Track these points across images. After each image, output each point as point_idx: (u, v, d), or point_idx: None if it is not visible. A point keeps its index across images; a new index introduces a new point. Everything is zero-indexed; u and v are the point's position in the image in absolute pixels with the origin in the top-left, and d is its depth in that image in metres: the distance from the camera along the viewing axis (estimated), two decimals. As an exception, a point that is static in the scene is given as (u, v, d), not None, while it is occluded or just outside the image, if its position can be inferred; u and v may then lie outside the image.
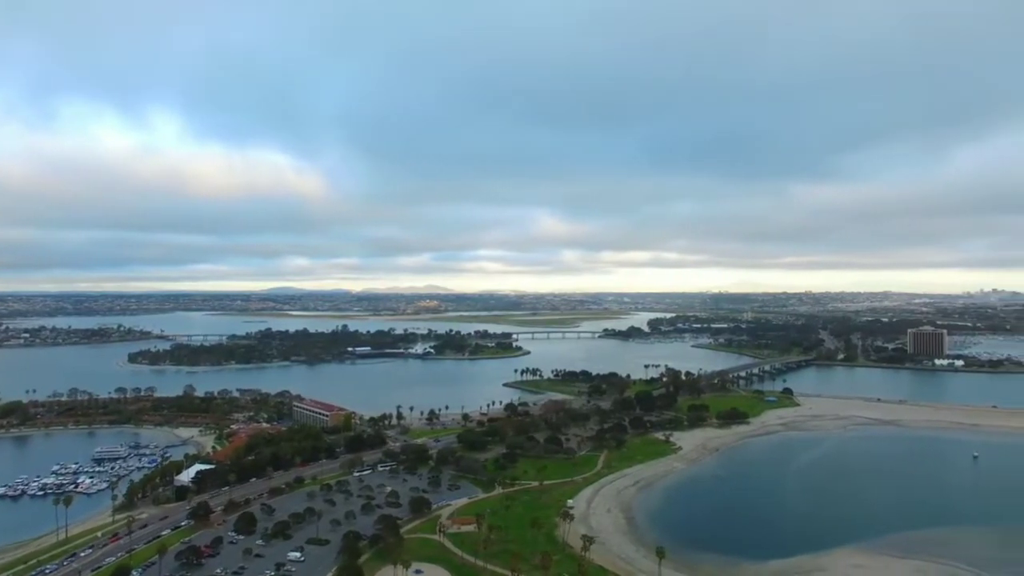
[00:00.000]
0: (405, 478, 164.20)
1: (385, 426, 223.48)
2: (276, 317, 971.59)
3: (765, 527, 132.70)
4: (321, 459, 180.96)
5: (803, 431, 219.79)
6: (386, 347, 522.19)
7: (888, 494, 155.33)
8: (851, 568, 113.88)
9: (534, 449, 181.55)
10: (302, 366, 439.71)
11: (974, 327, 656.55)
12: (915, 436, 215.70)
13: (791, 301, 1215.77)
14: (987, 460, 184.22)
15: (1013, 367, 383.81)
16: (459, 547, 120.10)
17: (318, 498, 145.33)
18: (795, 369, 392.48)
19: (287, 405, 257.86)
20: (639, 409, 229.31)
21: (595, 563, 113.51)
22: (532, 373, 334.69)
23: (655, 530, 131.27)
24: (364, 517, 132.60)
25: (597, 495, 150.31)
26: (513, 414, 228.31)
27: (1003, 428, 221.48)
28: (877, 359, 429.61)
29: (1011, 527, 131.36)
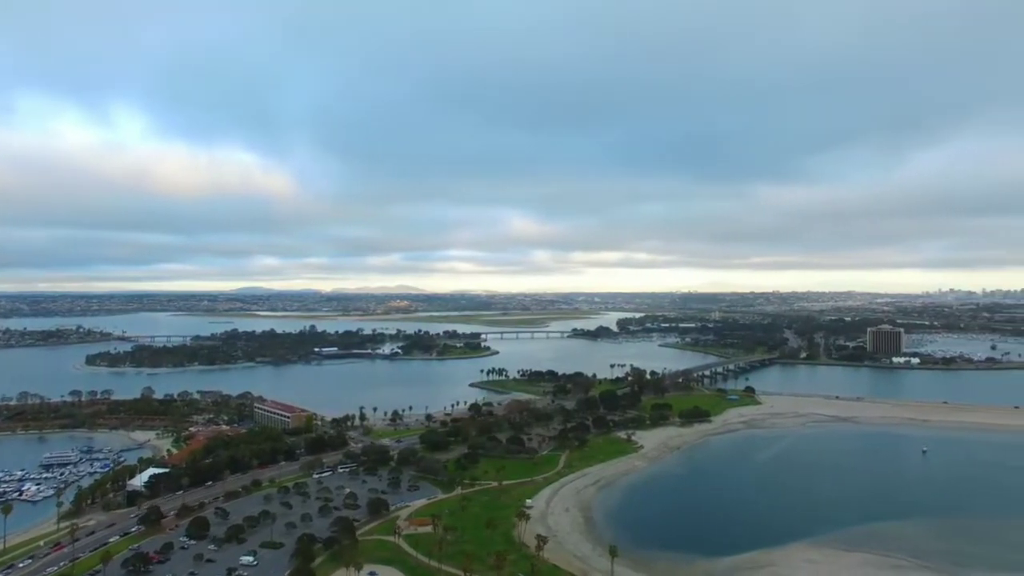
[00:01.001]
0: (365, 479, 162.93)
1: (347, 427, 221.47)
2: (243, 318, 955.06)
3: (721, 524, 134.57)
4: (280, 461, 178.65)
5: (763, 429, 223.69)
6: (354, 347, 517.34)
7: (841, 489, 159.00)
8: (801, 563, 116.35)
9: (496, 449, 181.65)
10: (267, 367, 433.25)
11: (930, 325, 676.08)
12: (869, 432, 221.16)
13: (759, 301, 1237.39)
14: (935, 454, 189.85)
15: (964, 364, 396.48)
16: (415, 548, 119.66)
17: (275, 501, 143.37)
18: (759, 368, 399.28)
19: (248, 407, 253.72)
20: (603, 408, 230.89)
21: (550, 562, 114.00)
22: (498, 373, 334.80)
23: (612, 529, 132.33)
24: (321, 519, 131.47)
25: (556, 495, 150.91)
26: (477, 414, 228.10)
27: (952, 423, 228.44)
28: (838, 357, 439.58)
29: (953, 518, 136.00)
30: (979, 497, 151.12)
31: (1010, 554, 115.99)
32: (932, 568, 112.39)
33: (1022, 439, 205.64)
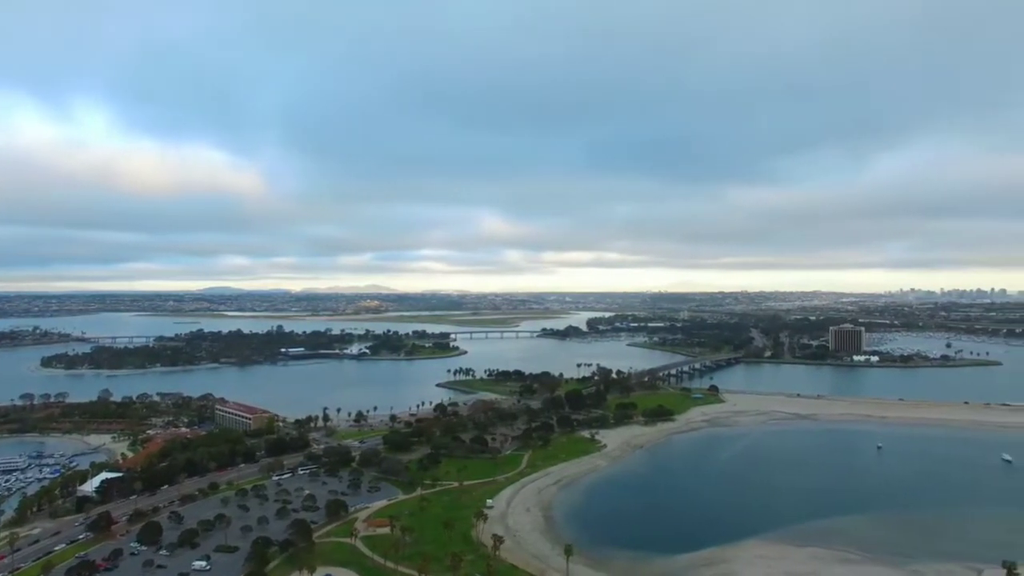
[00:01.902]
0: (325, 481, 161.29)
1: (310, 428, 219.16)
2: (210, 318, 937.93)
3: (680, 522, 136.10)
4: (240, 464, 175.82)
5: (725, 427, 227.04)
6: (321, 348, 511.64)
7: (798, 486, 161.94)
8: (754, 558, 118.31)
9: (459, 449, 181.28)
10: (232, 368, 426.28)
11: (891, 324, 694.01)
12: (828, 429, 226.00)
13: (727, 300, 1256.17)
14: (890, 450, 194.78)
15: (921, 361, 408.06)
16: (373, 550, 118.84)
17: (232, 504, 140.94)
18: (725, 367, 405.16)
19: (209, 409, 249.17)
20: (568, 408, 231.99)
21: (507, 562, 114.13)
22: (465, 373, 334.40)
23: (572, 528, 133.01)
24: (278, 522, 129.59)
25: (518, 494, 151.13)
26: (442, 414, 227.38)
27: (906, 419, 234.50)
28: (802, 356, 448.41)
29: (901, 512, 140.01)
30: (927, 491, 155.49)
31: (951, 544, 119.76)
32: (878, 560, 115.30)
33: (969, 433, 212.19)
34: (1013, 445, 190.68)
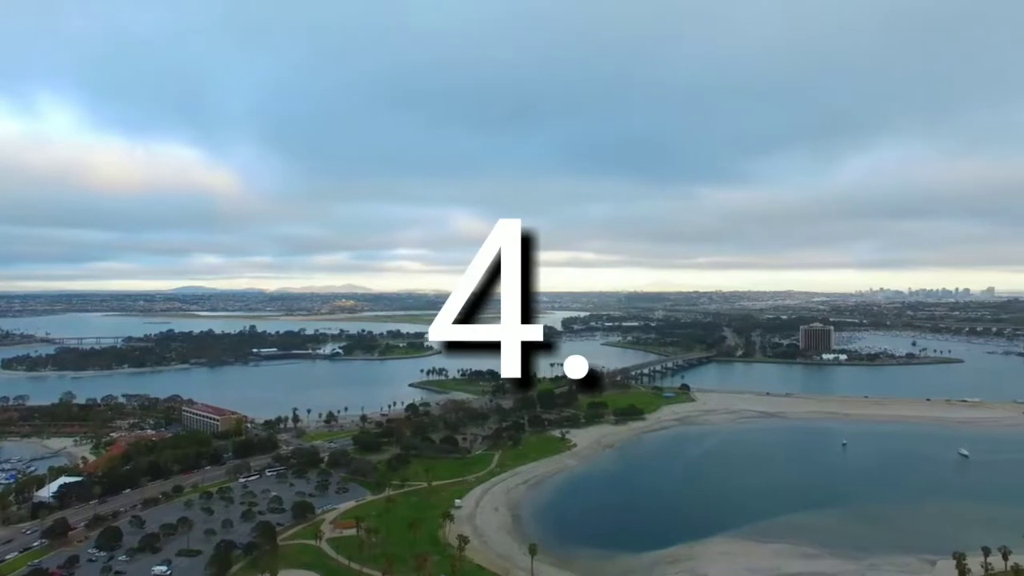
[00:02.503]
0: (292, 483, 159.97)
1: (280, 429, 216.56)
2: (182, 318, 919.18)
3: (647, 520, 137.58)
4: (206, 466, 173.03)
5: (695, 425, 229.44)
6: (294, 348, 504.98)
7: (764, 483, 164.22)
8: (718, 555, 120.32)
9: (429, 449, 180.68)
10: (203, 369, 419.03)
11: (860, 323, 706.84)
12: (795, 427, 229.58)
13: (702, 300, 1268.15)
14: (854, 446, 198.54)
15: (887, 360, 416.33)
16: (338, 552, 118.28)
17: (196, 507, 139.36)
18: (697, 365, 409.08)
19: (176, 410, 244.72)
20: (540, 407, 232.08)
21: (474, 562, 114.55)
22: (438, 373, 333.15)
23: (540, 527, 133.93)
24: (243, 525, 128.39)
25: (487, 494, 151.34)
26: (414, 414, 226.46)
27: (871, 416, 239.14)
28: (772, 355, 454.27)
29: (862, 507, 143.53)
30: (887, 486, 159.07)
31: (907, 538, 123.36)
32: (838, 555, 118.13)
33: (929, 429, 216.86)
34: (970, 440, 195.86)
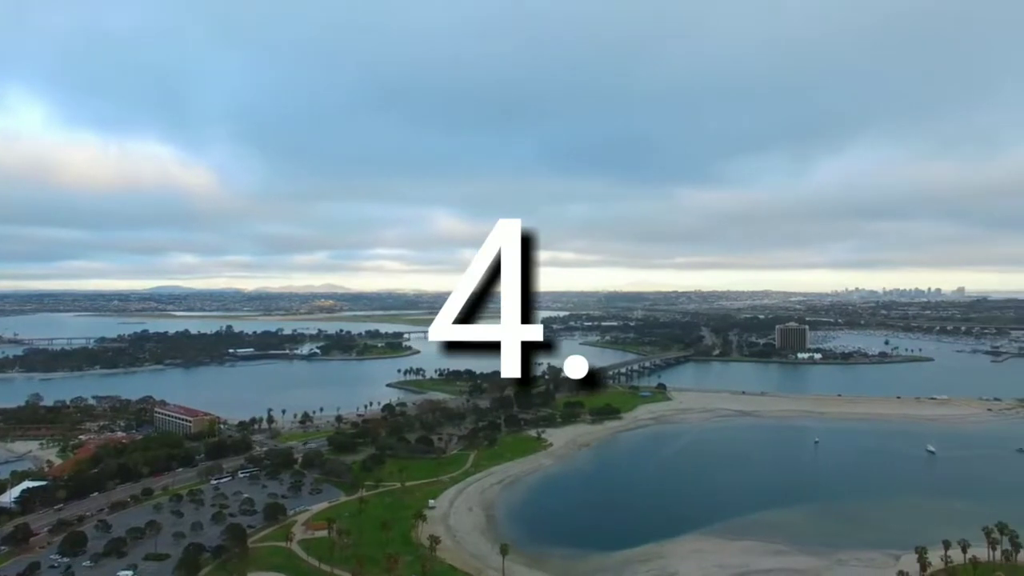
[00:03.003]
0: (265, 484, 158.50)
1: (254, 430, 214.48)
2: (157, 318, 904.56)
3: (620, 519, 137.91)
4: (177, 468, 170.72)
5: (671, 424, 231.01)
6: (272, 348, 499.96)
7: (736, 481, 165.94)
8: (689, 553, 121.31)
9: (404, 450, 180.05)
10: (177, 370, 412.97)
11: (835, 323, 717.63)
12: (769, 425, 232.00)
13: (681, 300, 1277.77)
14: (826, 444, 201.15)
15: (860, 358, 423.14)
16: (310, 554, 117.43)
17: (165, 510, 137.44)
18: (675, 365, 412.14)
19: (148, 412, 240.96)
20: (517, 407, 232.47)
21: (446, 562, 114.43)
22: (416, 373, 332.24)
23: (513, 527, 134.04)
24: (213, 527, 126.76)
25: (461, 494, 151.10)
26: (390, 414, 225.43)
27: (843, 414, 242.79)
28: (749, 354, 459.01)
29: (832, 503, 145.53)
30: (856, 482, 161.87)
31: (874, 533, 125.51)
32: (806, 551, 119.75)
33: (899, 426, 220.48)
34: (937, 436, 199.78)
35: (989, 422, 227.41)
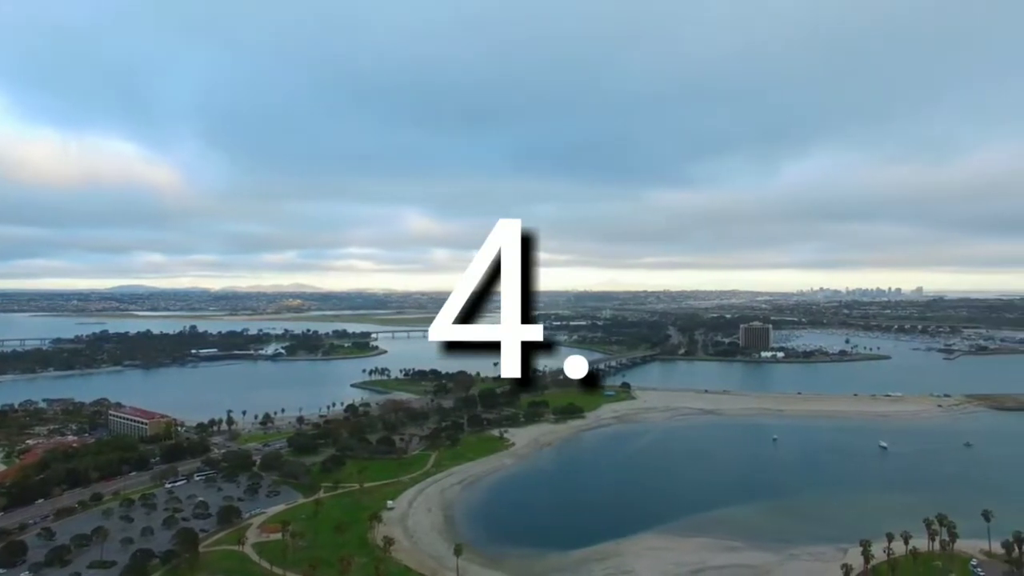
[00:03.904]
0: (221, 487, 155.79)
1: (213, 432, 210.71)
2: (118, 318, 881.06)
3: (578, 518, 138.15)
4: (130, 472, 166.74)
5: (633, 423, 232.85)
6: (236, 348, 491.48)
7: (695, 478, 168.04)
8: (645, 551, 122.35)
9: (366, 450, 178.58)
10: (137, 371, 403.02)
11: (799, 322, 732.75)
12: (729, 423, 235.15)
13: (649, 299, 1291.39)
14: (784, 441, 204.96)
15: (821, 357, 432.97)
16: (263, 557, 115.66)
17: (114, 516, 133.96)
18: (641, 364, 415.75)
19: (103, 415, 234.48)
20: (481, 406, 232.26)
21: (402, 563, 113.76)
22: (381, 373, 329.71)
23: (471, 527, 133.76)
24: (165, 532, 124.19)
25: (421, 495, 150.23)
26: (353, 415, 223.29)
27: (802, 412, 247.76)
28: (714, 353, 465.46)
29: (787, 500, 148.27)
30: (811, 478, 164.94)
31: (826, 528, 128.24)
32: (760, 547, 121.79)
33: (854, 423, 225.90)
34: (889, 432, 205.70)
35: (938, 418, 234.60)
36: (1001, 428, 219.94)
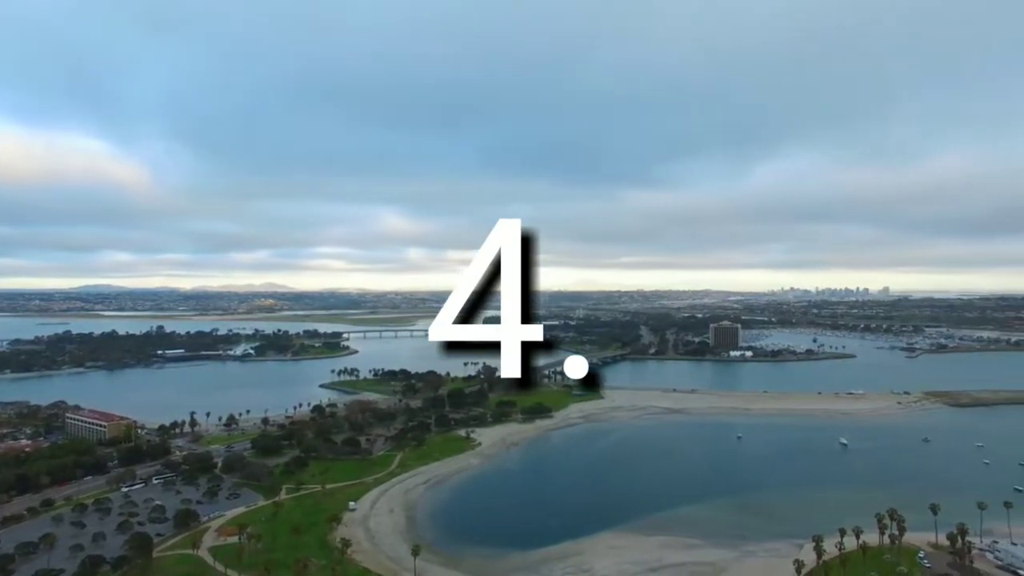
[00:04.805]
0: (180, 490, 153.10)
1: (175, 434, 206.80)
2: (83, 318, 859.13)
3: (541, 517, 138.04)
4: (86, 476, 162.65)
5: (600, 422, 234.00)
6: (204, 349, 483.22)
7: (659, 477, 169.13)
8: (606, 549, 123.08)
9: (330, 451, 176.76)
10: (99, 373, 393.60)
11: (769, 321, 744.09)
12: (696, 422, 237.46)
13: (623, 299, 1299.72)
14: (748, 439, 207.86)
15: (789, 356, 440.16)
16: (219, 560, 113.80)
17: (65, 522, 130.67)
18: (611, 363, 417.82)
19: (60, 418, 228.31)
20: (449, 406, 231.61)
21: (360, 565, 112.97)
22: (350, 373, 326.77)
23: (434, 528, 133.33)
24: (118, 537, 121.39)
25: (384, 495, 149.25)
26: (320, 416, 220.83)
27: (767, 410, 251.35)
28: (684, 352, 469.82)
29: (747, 497, 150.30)
30: (773, 476, 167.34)
31: (783, 525, 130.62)
32: (719, 544, 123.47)
33: (817, 421, 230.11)
34: (850, 430, 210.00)
35: (897, 415, 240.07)
36: (955, 424, 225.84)
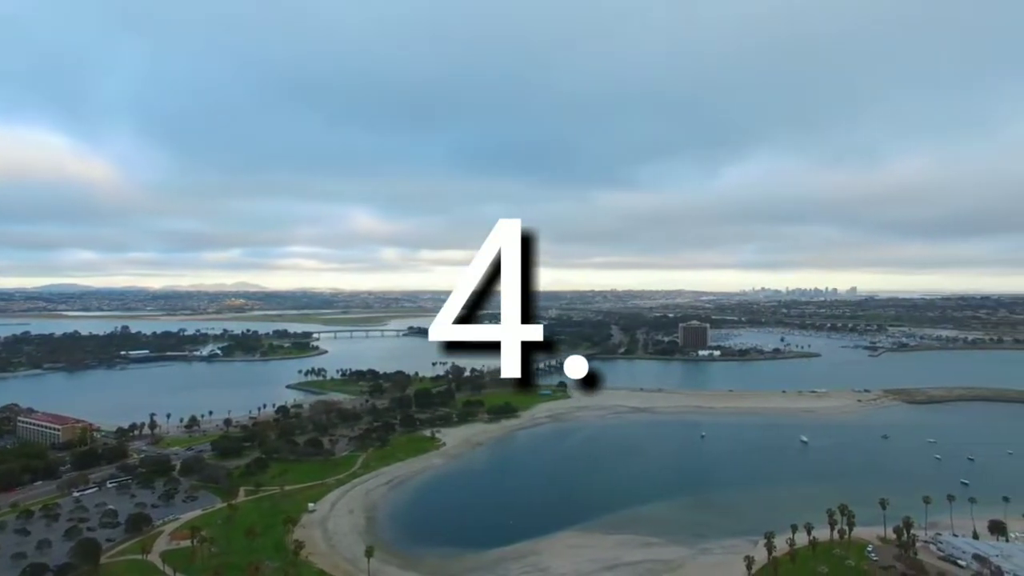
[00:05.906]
0: (134, 493, 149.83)
1: (133, 437, 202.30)
2: (44, 318, 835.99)
3: (501, 517, 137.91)
4: (35, 481, 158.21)
5: (566, 422, 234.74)
6: (170, 349, 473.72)
7: (621, 476, 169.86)
8: (564, 548, 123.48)
9: (292, 452, 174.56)
10: (59, 374, 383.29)
11: (739, 321, 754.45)
12: (661, 421, 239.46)
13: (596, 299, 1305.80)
14: (712, 438, 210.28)
15: (756, 355, 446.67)
16: (170, 565, 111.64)
17: (8, 529, 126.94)
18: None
19: (11, 421, 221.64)
20: (416, 407, 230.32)
21: (315, 567, 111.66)
22: (317, 374, 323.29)
23: (393, 528, 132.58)
24: (65, 544, 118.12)
25: (344, 496, 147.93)
26: (284, 416, 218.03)
27: (731, 409, 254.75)
28: (653, 351, 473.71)
29: (706, 495, 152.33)
30: (735, 473, 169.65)
31: (740, 522, 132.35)
32: (676, 542, 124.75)
33: (779, 419, 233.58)
34: (811, 428, 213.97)
35: (857, 412, 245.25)
36: (911, 420, 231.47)
